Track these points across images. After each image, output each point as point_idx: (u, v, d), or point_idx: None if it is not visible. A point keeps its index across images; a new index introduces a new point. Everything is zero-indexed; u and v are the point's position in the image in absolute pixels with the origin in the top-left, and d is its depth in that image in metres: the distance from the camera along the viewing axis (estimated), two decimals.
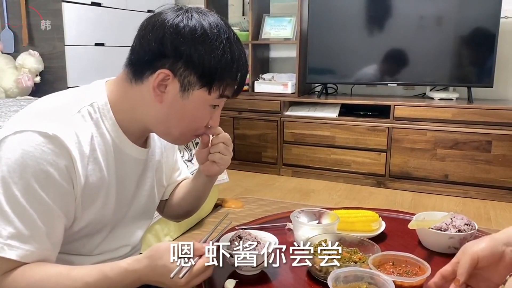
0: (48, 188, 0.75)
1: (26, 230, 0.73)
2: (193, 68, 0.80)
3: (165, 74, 0.80)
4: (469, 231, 1.02)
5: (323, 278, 0.86)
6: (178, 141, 0.92)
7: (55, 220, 0.77)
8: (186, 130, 0.87)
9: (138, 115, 0.86)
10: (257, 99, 3.50)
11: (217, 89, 0.83)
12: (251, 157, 3.53)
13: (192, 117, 0.85)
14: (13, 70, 3.10)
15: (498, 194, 2.90)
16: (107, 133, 0.85)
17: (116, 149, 0.87)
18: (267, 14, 3.68)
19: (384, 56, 3.29)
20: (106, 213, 0.88)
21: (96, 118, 0.83)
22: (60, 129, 0.77)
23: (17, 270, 0.74)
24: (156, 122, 0.86)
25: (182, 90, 0.81)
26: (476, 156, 2.92)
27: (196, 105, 0.83)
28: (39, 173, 0.74)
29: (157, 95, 0.82)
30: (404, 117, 3.09)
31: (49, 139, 0.75)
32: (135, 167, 0.93)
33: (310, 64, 3.41)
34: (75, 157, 0.77)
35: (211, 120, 0.89)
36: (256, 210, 2.68)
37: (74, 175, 0.78)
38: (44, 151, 0.74)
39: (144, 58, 0.81)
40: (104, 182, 0.85)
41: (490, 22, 2.93)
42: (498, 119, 2.88)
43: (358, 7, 3.31)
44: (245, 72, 0.87)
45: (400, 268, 0.88)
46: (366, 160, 3.20)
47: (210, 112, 0.87)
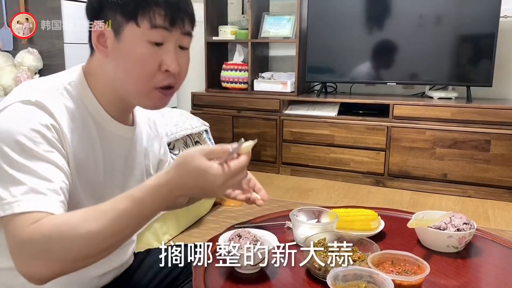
0: (41, 144, 0.76)
1: (36, 184, 0.72)
2: (115, 8, 0.81)
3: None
4: (468, 230, 1.02)
5: (322, 277, 0.86)
6: (143, 98, 0.85)
7: (58, 173, 0.76)
8: (137, 78, 0.82)
9: (105, 83, 0.87)
10: (256, 98, 3.50)
11: (143, 18, 0.80)
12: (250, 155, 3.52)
13: (134, 59, 0.81)
14: (12, 68, 3.10)
15: (497, 193, 2.91)
16: (86, 109, 0.86)
17: (98, 126, 0.88)
18: (266, 12, 3.68)
19: (383, 55, 3.29)
20: (97, 182, 0.87)
21: (74, 94, 0.86)
22: (43, 96, 0.80)
23: (43, 219, 0.71)
24: (116, 83, 0.85)
25: (116, 34, 0.82)
26: (475, 155, 2.92)
27: (132, 44, 0.81)
28: (30, 132, 0.75)
29: (100, 51, 0.84)
30: (403, 116, 3.09)
31: (33, 104, 0.78)
32: (121, 146, 0.93)
33: (310, 63, 3.41)
34: (59, 120, 0.79)
35: (164, 64, 0.82)
36: (255, 209, 2.68)
37: (62, 134, 0.80)
38: (31, 114, 0.77)
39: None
40: (90, 156, 0.86)
41: (490, 21, 2.93)
42: (497, 119, 2.88)
43: (357, 6, 3.31)
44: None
45: (399, 267, 0.88)
46: (365, 159, 3.21)
47: (152, 50, 0.81)
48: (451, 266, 0.97)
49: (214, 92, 3.69)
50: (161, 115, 2.32)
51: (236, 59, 3.70)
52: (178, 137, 2.26)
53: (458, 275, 0.95)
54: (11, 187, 0.72)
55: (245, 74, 3.62)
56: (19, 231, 0.69)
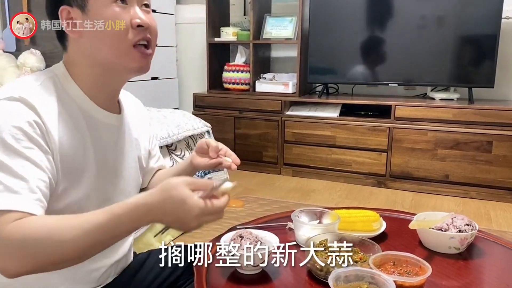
0: (23, 141, 0.76)
1: (13, 183, 0.73)
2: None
3: (66, 10, 0.85)
4: (470, 231, 1.02)
5: (324, 278, 0.86)
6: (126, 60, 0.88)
7: (38, 172, 0.77)
8: (115, 39, 0.85)
9: (86, 69, 0.88)
10: (258, 99, 3.50)
11: None
12: (251, 156, 3.53)
13: (106, 23, 0.84)
14: (15, 69, 3.11)
15: (499, 194, 2.90)
16: (71, 100, 0.87)
17: (85, 115, 0.89)
18: (268, 14, 3.68)
19: (385, 56, 3.29)
20: (87, 174, 0.88)
21: (59, 86, 0.87)
22: (25, 92, 0.81)
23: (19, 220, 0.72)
24: (97, 60, 0.87)
25: (82, 10, 0.85)
26: (477, 156, 2.92)
27: (99, 10, 0.84)
28: (12, 129, 0.76)
29: (73, 33, 0.86)
30: (405, 117, 3.09)
31: (16, 100, 0.79)
32: (108, 133, 0.94)
33: (311, 64, 3.41)
34: (42, 115, 0.80)
35: (133, 20, 0.86)
36: (256, 210, 2.69)
37: (45, 131, 0.80)
38: (13, 110, 0.78)
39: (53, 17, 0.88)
40: (79, 145, 0.86)
41: (491, 22, 2.93)
42: (499, 120, 2.88)
43: (359, 7, 3.31)
44: None
45: (400, 268, 0.88)
46: (367, 160, 3.21)
47: (119, 10, 0.85)
48: (452, 267, 0.97)
49: (216, 93, 3.69)
50: (163, 116, 2.34)
51: (238, 60, 3.70)
52: (180, 138, 2.27)
53: (460, 276, 0.95)
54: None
55: (246, 75, 3.62)
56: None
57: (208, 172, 2.46)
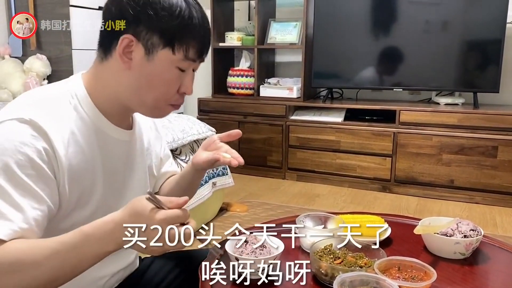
0: (27, 169, 0.75)
1: (7, 209, 0.73)
2: (154, 29, 0.82)
3: (129, 39, 0.83)
4: (475, 236, 1.02)
5: (329, 283, 0.86)
6: (154, 111, 0.91)
7: (37, 201, 0.76)
8: (158, 96, 0.87)
9: (113, 91, 0.88)
10: (262, 103, 3.51)
11: (180, 48, 0.84)
12: (256, 161, 3.53)
13: (161, 81, 0.85)
14: (21, 73, 3.13)
15: (504, 199, 2.89)
16: (86, 116, 0.87)
17: (97, 131, 0.88)
18: (272, 18, 3.70)
19: (390, 61, 3.29)
20: (94, 194, 0.88)
21: (74, 103, 0.86)
22: (37, 113, 0.79)
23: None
24: (130, 93, 0.87)
25: (147, 53, 0.83)
26: (482, 161, 2.91)
27: (162, 67, 0.84)
28: (18, 155, 0.75)
29: (124, 61, 0.84)
30: (410, 122, 3.09)
31: (25, 123, 0.77)
32: (119, 149, 0.94)
33: (316, 68, 3.41)
34: (53, 140, 0.79)
35: (183, 86, 0.88)
36: (261, 214, 2.68)
37: (54, 157, 0.79)
38: (21, 135, 0.76)
39: (110, 32, 0.85)
40: (88, 164, 0.86)
41: (496, 27, 2.93)
42: (504, 125, 2.87)
43: (363, 12, 3.32)
44: (206, 32, 0.88)
45: (405, 273, 0.88)
46: (371, 164, 3.20)
47: (178, 75, 0.87)
48: (458, 273, 0.97)
49: (220, 97, 3.70)
50: (168, 121, 2.35)
51: (242, 65, 3.71)
52: (185, 142, 2.27)
53: (465, 282, 0.94)
54: None
55: (251, 80, 3.63)
56: None
57: (213, 176, 2.46)
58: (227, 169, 2.58)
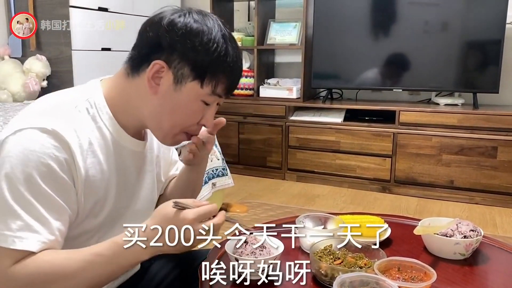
0: (50, 181, 0.76)
1: (33, 222, 0.74)
2: (187, 60, 0.82)
3: (160, 66, 0.83)
4: (475, 237, 1.02)
5: (329, 283, 0.86)
6: (168, 137, 0.91)
7: (59, 211, 0.78)
8: (177, 125, 0.88)
9: (133, 108, 0.88)
10: (262, 104, 3.51)
11: (209, 83, 0.84)
12: (255, 161, 3.53)
13: (184, 111, 0.86)
14: (21, 74, 3.13)
15: (504, 200, 2.89)
16: (104, 126, 0.87)
17: (114, 142, 0.88)
18: (272, 19, 3.70)
19: (389, 61, 3.29)
20: (107, 204, 0.88)
21: (92, 113, 0.86)
22: (59, 123, 0.79)
23: (27, 259, 0.74)
24: (150, 115, 0.87)
25: (176, 82, 0.84)
26: (482, 162, 2.91)
27: (188, 98, 0.84)
28: (41, 167, 0.75)
29: (151, 86, 0.84)
30: (409, 122, 3.09)
31: (48, 133, 0.77)
32: (133, 160, 0.94)
33: (315, 69, 3.41)
34: (74, 151, 0.79)
35: (204, 119, 0.89)
36: (260, 215, 2.68)
37: (74, 168, 0.79)
38: (44, 145, 0.76)
39: (141, 51, 0.85)
40: (104, 175, 0.86)
41: (496, 28, 2.93)
42: (503, 125, 2.87)
43: (363, 12, 3.32)
44: (238, 70, 0.88)
45: (405, 274, 0.88)
46: (371, 165, 3.20)
47: (202, 108, 0.87)
48: (458, 273, 0.97)
49: None
50: None
51: None
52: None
53: (465, 282, 0.94)
54: (9, 219, 0.73)
55: (251, 81, 3.63)
56: (5, 266, 0.73)
57: (212, 177, 2.47)
58: (227, 169, 2.58)
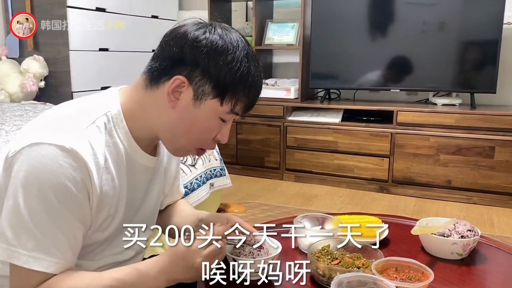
0: (66, 201, 0.76)
1: (48, 242, 0.75)
2: (209, 78, 0.82)
3: (181, 81, 0.82)
4: (472, 237, 1.02)
5: (326, 284, 0.86)
6: (180, 151, 0.93)
7: (75, 231, 0.79)
8: (193, 140, 0.88)
9: (149, 121, 0.88)
10: (260, 104, 3.50)
11: (229, 101, 0.84)
12: (253, 162, 3.53)
13: (201, 127, 0.86)
14: (18, 74, 3.13)
15: (502, 200, 2.89)
16: (119, 142, 0.86)
17: (127, 158, 0.88)
18: (270, 19, 3.70)
19: (387, 62, 3.30)
20: (115, 220, 0.89)
21: (110, 127, 0.85)
22: (77, 142, 0.78)
23: (49, 281, 0.75)
24: (165, 129, 0.87)
25: (195, 98, 0.83)
26: (479, 162, 2.92)
27: (206, 115, 0.85)
28: (57, 187, 0.75)
29: (170, 100, 0.84)
30: (407, 122, 3.09)
31: (66, 152, 0.76)
32: (144, 175, 0.94)
33: (313, 69, 3.42)
34: (91, 170, 0.79)
35: (220, 134, 0.89)
36: (258, 215, 2.68)
37: (90, 187, 0.80)
38: (62, 165, 0.75)
39: (163, 64, 0.84)
40: (115, 191, 0.86)
41: (493, 28, 2.94)
42: (501, 125, 2.88)
43: (361, 12, 3.32)
44: (258, 90, 0.88)
45: (403, 274, 0.88)
46: (369, 165, 3.20)
47: (219, 125, 0.88)
48: (455, 273, 0.97)
49: None
50: None
51: None
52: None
53: (463, 282, 0.95)
54: (23, 235, 0.74)
55: None
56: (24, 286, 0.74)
57: (210, 177, 2.46)
58: (225, 170, 2.57)
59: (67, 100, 0.95)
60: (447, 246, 1.01)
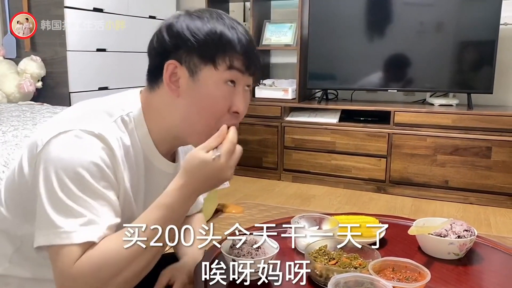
0: (100, 179, 0.78)
1: (93, 216, 0.76)
2: (192, 50, 0.83)
3: (173, 65, 0.84)
4: (469, 237, 1.02)
5: (324, 284, 0.86)
6: (202, 137, 0.86)
7: (110, 210, 0.79)
8: (209, 119, 0.86)
9: (164, 121, 0.89)
10: (258, 105, 3.51)
11: (222, 61, 0.83)
12: (251, 162, 3.53)
13: (211, 100, 0.85)
14: (15, 75, 3.12)
15: (498, 200, 2.90)
16: (139, 143, 0.88)
17: (146, 161, 0.89)
18: (267, 20, 3.70)
19: (385, 62, 3.31)
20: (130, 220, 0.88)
21: (131, 128, 0.87)
22: (105, 129, 0.81)
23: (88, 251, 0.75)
24: (180, 122, 0.87)
25: (191, 74, 0.84)
26: (476, 162, 2.93)
27: (209, 85, 0.84)
28: (91, 166, 0.77)
29: (172, 90, 0.85)
30: (404, 123, 3.10)
31: (96, 136, 0.79)
32: (162, 181, 0.93)
33: (311, 70, 3.42)
34: (118, 157, 0.81)
35: (234, 105, 0.86)
36: (256, 216, 2.69)
37: (118, 172, 0.82)
38: (94, 146, 0.78)
39: (154, 63, 0.87)
40: (133, 191, 0.87)
41: (490, 28, 2.95)
42: (497, 125, 2.88)
43: (358, 13, 3.33)
44: (246, 40, 0.86)
45: (400, 274, 0.88)
46: (366, 165, 3.21)
47: (227, 92, 0.85)
48: (452, 273, 0.97)
49: None
50: None
51: None
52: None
53: (459, 282, 0.95)
54: (70, 217, 0.75)
55: None
56: (68, 266, 0.74)
57: None
58: None
59: (65, 101, 0.96)
60: (444, 246, 1.02)
